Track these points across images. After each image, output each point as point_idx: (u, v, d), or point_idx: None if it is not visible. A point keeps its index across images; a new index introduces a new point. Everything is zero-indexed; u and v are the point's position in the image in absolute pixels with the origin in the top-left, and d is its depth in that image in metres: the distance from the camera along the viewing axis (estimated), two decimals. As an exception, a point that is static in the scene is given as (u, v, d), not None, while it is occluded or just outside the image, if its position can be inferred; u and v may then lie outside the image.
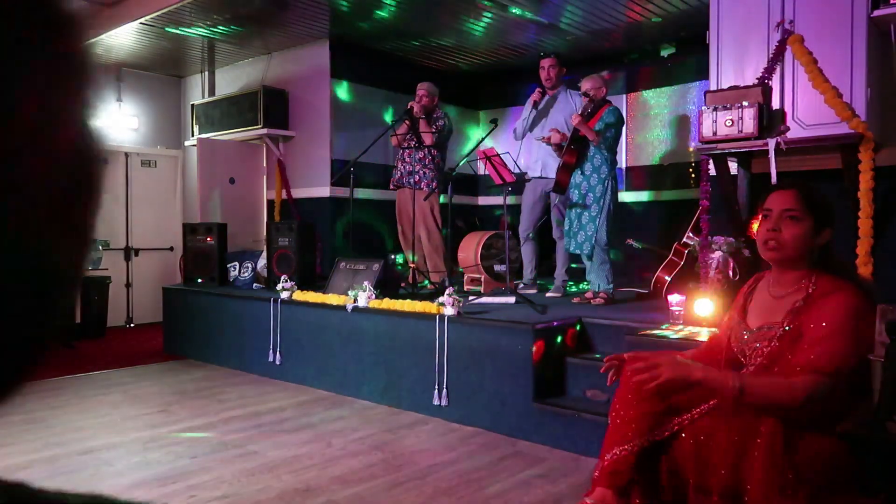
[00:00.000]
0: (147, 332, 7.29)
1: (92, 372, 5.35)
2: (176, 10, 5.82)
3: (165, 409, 4.27)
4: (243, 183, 7.41)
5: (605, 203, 4.55)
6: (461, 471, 3.21)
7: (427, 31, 6.42)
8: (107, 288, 7.06)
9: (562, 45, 6.61)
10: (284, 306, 5.10)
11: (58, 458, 3.35)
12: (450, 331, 4.04)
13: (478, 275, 5.79)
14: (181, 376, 5.26)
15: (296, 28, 6.43)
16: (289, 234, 5.56)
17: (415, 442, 3.69)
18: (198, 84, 8.23)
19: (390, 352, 4.39)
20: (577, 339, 4.00)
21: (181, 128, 8.44)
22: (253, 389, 4.82)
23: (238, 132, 7.24)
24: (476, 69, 7.75)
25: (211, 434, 3.75)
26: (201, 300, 5.88)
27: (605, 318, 4.02)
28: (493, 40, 6.66)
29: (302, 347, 4.98)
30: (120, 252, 7.67)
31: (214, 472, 3.18)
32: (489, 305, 4.54)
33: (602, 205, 4.55)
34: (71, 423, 3.94)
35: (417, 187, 5.60)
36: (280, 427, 3.91)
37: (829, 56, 3.68)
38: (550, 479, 3.11)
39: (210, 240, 6.09)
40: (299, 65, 7.03)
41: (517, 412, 3.73)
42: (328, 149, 6.77)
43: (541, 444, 3.60)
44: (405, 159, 5.71)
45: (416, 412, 4.18)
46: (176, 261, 7.45)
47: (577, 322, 4.03)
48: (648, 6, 5.65)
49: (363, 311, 4.57)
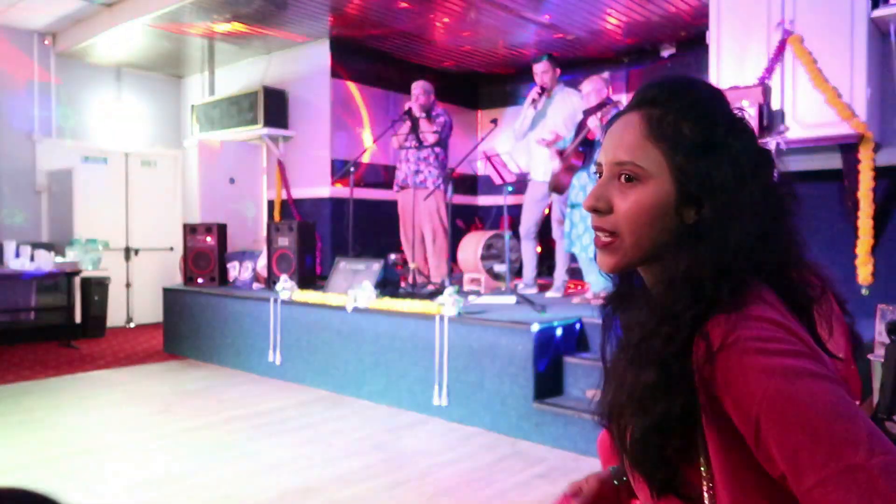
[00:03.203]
0: (147, 332, 7.29)
1: (92, 372, 5.35)
2: (176, 10, 5.82)
3: (165, 409, 4.27)
4: (243, 183, 7.41)
5: None
6: (461, 471, 3.21)
7: (427, 32, 6.42)
8: (107, 288, 7.06)
9: (561, 46, 6.61)
10: (284, 306, 5.10)
11: (58, 458, 3.34)
12: (450, 331, 4.04)
13: (478, 275, 5.79)
14: (181, 376, 5.26)
15: (296, 28, 6.43)
16: (289, 234, 5.57)
17: (415, 442, 3.69)
18: (198, 84, 8.23)
19: (390, 352, 4.39)
20: (577, 339, 4.01)
21: (181, 128, 8.44)
22: (253, 389, 4.82)
23: (238, 132, 7.24)
24: (476, 69, 7.75)
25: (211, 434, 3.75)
26: (201, 300, 5.88)
27: (605, 318, 4.02)
28: (493, 40, 6.66)
29: (302, 347, 4.98)
30: (120, 252, 7.67)
31: (214, 472, 3.18)
32: (489, 305, 4.54)
33: None
34: (71, 423, 3.94)
35: (423, 186, 5.55)
36: (280, 427, 3.91)
37: (829, 56, 3.68)
38: (550, 479, 3.11)
39: (210, 240, 6.09)
40: (299, 65, 7.03)
41: (517, 412, 3.73)
42: (328, 149, 6.77)
43: (541, 444, 3.60)
44: (409, 159, 5.68)
45: (416, 412, 4.18)
46: (176, 261, 7.45)
47: (577, 322, 4.03)
48: (648, 6, 5.65)
49: (363, 311, 4.57)
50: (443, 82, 7.55)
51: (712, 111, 0.83)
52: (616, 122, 0.87)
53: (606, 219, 0.84)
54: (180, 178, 8.30)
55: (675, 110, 0.82)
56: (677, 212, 0.81)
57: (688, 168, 0.80)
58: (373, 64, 7.10)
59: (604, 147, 0.87)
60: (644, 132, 0.83)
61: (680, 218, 0.82)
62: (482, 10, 5.77)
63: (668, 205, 0.81)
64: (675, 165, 0.81)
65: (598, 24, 6.09)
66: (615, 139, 0.85)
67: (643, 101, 0.85)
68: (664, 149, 0.81)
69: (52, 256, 6.41)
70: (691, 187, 0.80)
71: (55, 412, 4.17)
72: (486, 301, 4.72)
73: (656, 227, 0.82)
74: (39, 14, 6.63)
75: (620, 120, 0.86)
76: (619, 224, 0.83)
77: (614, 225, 0.84)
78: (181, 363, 5.76)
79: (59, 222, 7.14)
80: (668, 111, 0.82)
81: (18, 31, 7.04)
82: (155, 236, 7.93)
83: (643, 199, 0.82)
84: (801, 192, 0.88)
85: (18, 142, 7.07)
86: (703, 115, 0.82)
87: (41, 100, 7.25)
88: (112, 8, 6.35)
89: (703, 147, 0.80)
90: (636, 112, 0.85)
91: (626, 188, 0.83)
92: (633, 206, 0.82)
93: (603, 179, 0.86)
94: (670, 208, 0.81)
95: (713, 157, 0.80)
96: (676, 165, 0.81)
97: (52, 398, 4.50)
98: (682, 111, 0.82)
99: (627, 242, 0.83)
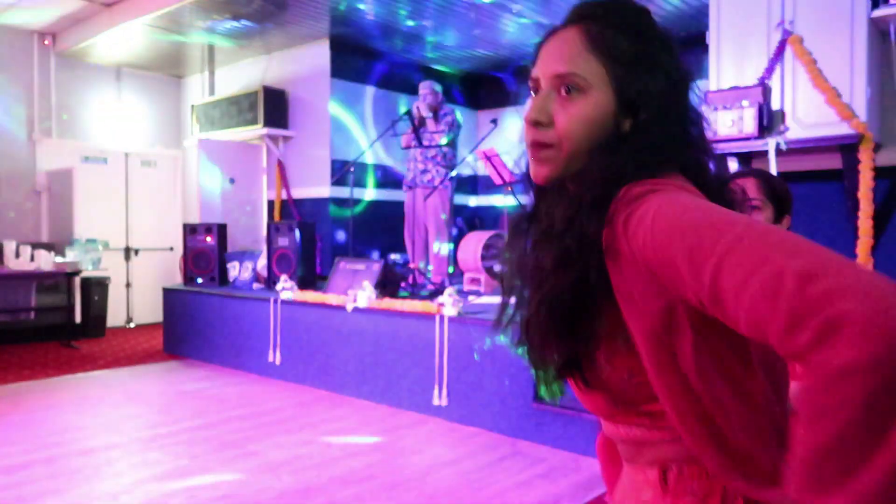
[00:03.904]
0: (147, 332, 7.29)
1: (92, 372, 5.35)
2: (176, 10, 5.82)
3: (165, 409, 4.27)
4: (243, 183, 7.41)
5: None
6: (461, 471, 3.21)
7: (427, 32, 6.42)
8: (107, 288, 7.06)
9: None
10: (284, 306, 5.10)
11: (58, 458, 3.34)
12: (450, 331, 4.04)
13: (478, 275, 5.79)
14: (181, 376, 5.26)
15: (296, 28, 6.43)
16: (289, 234, 5.57)
17: (415, 442, 3.69)
18: (198, 84, 8.23)
19: (390, 352, 4.39)
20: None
21: (181, 128, 8.44)
22: (253, 389, 4.82)
23: (238, 132, 7.24)
24: (476, 69, 7.75)
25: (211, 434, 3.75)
26: (201, 300, 5.87)
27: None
28: (493, 40, 6.65)
29: (302, 347, 4.98)
30: (120, 252, 7.67)
31: (214, 472, 3.18)
32: (489, 305, 4.54)
33: None
34: (71, 423, 3.94)
35: (430, 185, 5.56)
36: (280, 427, 3.91)
37: (829, 56, 3.68)
38: (550, 479, 3.11)
39: (210, 240, 6.09)
40: (299, 65, 7.03)
41: (517, 412, 3.73)
42: (328, 149, 6.77)
43: (541, 444, 3.60)
44: (417, 159, 5.68)
45: (416, 412, 4.18)
46: (176, 261, 7.45)
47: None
48: (648, 6, 5.62)
49: (363, 311, 4.57)
50: (443, 82, 7.55)
51: (647, 27, 0.87)
52: (551, 38, 0.88)
53: (546, 132, 0.84)
54: (180, 178, 8.30)
55: (613, 25, 0.85)
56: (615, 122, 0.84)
57: (628, 79, 0.83)
58: (373, 64, 7.10)
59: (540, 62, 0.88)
60: (584, 45, 0.84)
61: (616, 128, 0.84)
62: (482, 11, 5.77)
63: (607, 115, 0.83)
64: (616, 76, 0.83)
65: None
66: (554, 53, 0.86)
67: (580, 17, 0.87)
68: (604, 61, 0.83)
69: (52, 256, 6.41)
70: (631, 96, 0.83)
71: (55, 412, 4.17)
72: (486, 301, 4.73)
73: (594, 137, 0.83)
74: (39, 14, 6.63)
75: (556, 35, 0.88)
76: (559, 135, 0.84)
77: (555, 137, 0.84)
78: (181, 363, 5.76)
79: (59, 222, 7.14)
80: (606, 26, 0.85)
81: (18, 31, 7.04)
82: (155, 236, 7.93)
83: (586, 110, 0.83)
84: (801, 192, 0.89)
85: (18, 142, 7.07)
86: (639, 31, 0.86)
87: (41, 100, 7.25)
88: (112, 8, 6.35)
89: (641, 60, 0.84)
90: (573, 27, 0.86)
91: (566, 101, 0.84)
92: (576, 116, 0.83)
93: (541, 93, 0.86)
94: (609, 118, 0.83)
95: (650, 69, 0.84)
96: (617, 76, 0.83)
97: (52, 398, 4.50)
98: (620, 26, 0.85)
99: (565, 153, 0.84)
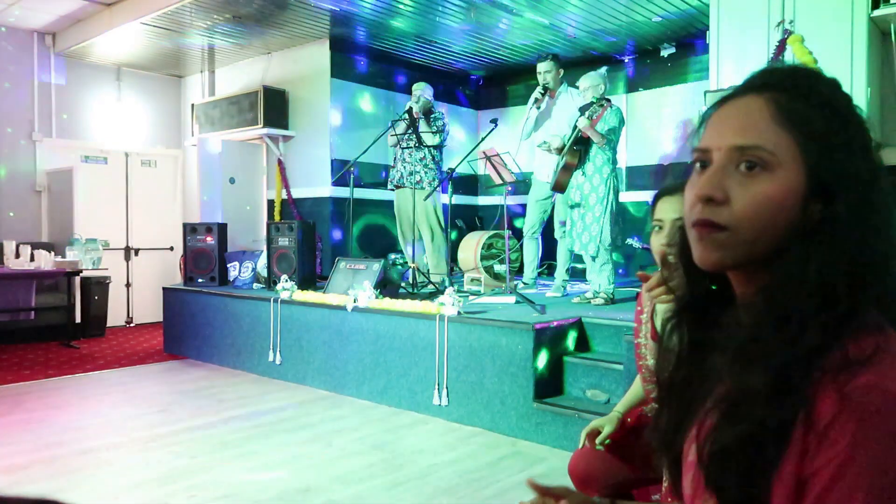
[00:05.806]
0: (147, 332, 7.29)
1: (92, 372, 5.35)
2: (176, 10, 5.82)
3: (165, 409, 4.27)
4: (243, 183, 7.41)
5: (608, 203, 4.54)
6: (461, 471, 3.21)
7: (427, 32, 6.42)
8: (107, 288, 7.06)
9: (562, 46, 6.61)
10: (284, 306, 5.10)
11: (58, 458, 3.34)
12: (450, 331, 4.04)
13: (478, 275, 5.79)
14: (181, 376, 5.26)
15: (296, 28, 6.43)
16: (289, 234, 5.57)
17: (415, 442, 3.69)
18: (198, 84, 8.23)
19: (390, 352, 4.39)
20: (577, 338, 4.01)
21: (181, 128, 8.44)
22: (253, 389, 4.82)
23: (238, 132, 7.24)
24: (476, 69, 7.75)
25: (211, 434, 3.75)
26: (201, 300, 5.87)
27: (605, 318, 4.03)
28: (493, 40, 6.65)
29: (302, 347, 4.98)
30: (120, 252, 7.67)
31: (214, 472, 3.18)
32: (489, 305, 4.53)
33: (605, 205, 4.53)
34: (71, 423, 3.94)
35: (419, 187, 5.59)
36: (280, 427, 3.91)
37: (829, 56, 3.68)
38: (550, 479, 3.09)
39: (210, 240, 6.09)
40: (299, 65, 7.03)
41: (517, 412, 3.73)
42: (328, 149, 6.77)
43: (541, 444, 3.60)
44: (405, 159, 5.71)
45: (416, 412, 4.18)
46: (176, 261, 7.45)
47: (577, 322, 4.03)
48: (648, 6, 5.65)
49: (363, 311, 4.57)
50: (443, 82, 7.56)
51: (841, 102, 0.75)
52: (727, 105, 0.77)
53: (720, 210, 0.73)
54: (180, 178, 8.30)
55: (804, 97, 0.74)
56: (803, 207, 0.72)
57: (824, 158, 0.72)
58: (373, 64, 7.10)
59: (713, 131, 0.76)
60: (771, 117, 0.73)
61: (804, 214, 0.72)
62: (483, 11, 5.77)
63: (795, 197, 0.72)
64: (810, 154, 0.72)
65: (599, 24, 6.09)
66: (733, 122, 0.75)
67: (765, 86, 0.75)
68: (796, 136, 0.72)
69: (52, 256, 6.40)
70: (828, 179, 0.71)
71: (55, 412, 4.17)
72: (486, 301, 4.73)
73: (778, 223, 0.71)
74: (39, 14, 6.63)
75: (733, 103, 0.76)
76: (735, 217, 0.72)
77: (730, 218, 0.72)
78: (181, 363, 5.76)
79: (59, 222, 7.14)
80: (796, 97, 0.74)
81: (18, 31, 7.04)
82: (155, 236, 7.93)
83: (771, 190, 0.71)
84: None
85: (18, 142, 7.07)
86: (834, 106, 0.74)
87: (41, 100, 7.24)
88: (112, 8, 6.35)
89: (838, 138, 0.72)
90: (757, 96, 0.75)
91: (747, 177, 0.72)
92: (760, 196, 0.71)
93: (715, 167, 0.74)
94: (797, 202, 0.72)
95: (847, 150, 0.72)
96: (811, 154, 0.72)
97: (52, 398, 4.50)
98: (812, 98, 0.74)
99: (743, 238, 0.72)
